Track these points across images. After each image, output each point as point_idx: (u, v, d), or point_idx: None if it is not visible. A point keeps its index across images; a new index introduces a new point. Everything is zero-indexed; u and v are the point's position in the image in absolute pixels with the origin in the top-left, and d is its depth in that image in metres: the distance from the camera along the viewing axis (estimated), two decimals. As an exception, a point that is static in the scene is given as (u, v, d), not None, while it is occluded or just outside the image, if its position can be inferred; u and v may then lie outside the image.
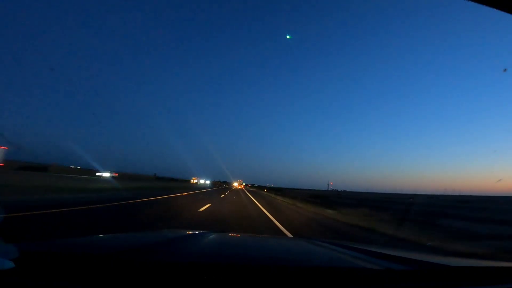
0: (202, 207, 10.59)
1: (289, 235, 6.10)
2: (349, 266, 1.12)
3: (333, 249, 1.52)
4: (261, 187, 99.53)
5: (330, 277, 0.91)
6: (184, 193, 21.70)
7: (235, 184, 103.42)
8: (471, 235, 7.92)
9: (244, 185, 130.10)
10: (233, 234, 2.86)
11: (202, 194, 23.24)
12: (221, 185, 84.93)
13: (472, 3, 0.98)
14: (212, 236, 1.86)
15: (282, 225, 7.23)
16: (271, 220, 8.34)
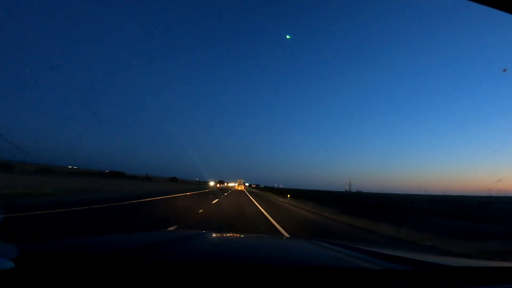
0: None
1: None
2: (349, 266, 1.12)
3: (333, 249, 1.52)
4: (267, 189, 77.06)
5: (330, 277, 0.91)
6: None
7: (234, 185, 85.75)
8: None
9: (247, 185, 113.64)
10: (233, 234, 2.86)
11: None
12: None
13: (472, 3, 0.98)
14: (212, 236, 1.87)
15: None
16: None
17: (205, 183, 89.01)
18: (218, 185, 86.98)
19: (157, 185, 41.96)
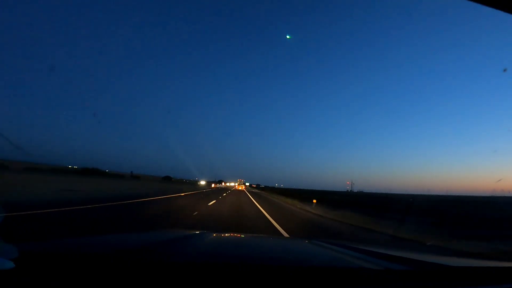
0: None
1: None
2: (349, 266, 1.12)
3: (333, 249, 1.52)
4: (268, 189, 71.97)
5: (330, 277, 0.91)
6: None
7: (234, 184, 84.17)
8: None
9: (247, 185, 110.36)
10: (233, 234, 2.86)
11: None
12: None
13: (472, 3, 0.98)
14: (212, 236, 1.86)
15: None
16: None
17: (201, 183, 76.35)
18: (213, 185, 72.57)
19: (120, 183, 29.13)
